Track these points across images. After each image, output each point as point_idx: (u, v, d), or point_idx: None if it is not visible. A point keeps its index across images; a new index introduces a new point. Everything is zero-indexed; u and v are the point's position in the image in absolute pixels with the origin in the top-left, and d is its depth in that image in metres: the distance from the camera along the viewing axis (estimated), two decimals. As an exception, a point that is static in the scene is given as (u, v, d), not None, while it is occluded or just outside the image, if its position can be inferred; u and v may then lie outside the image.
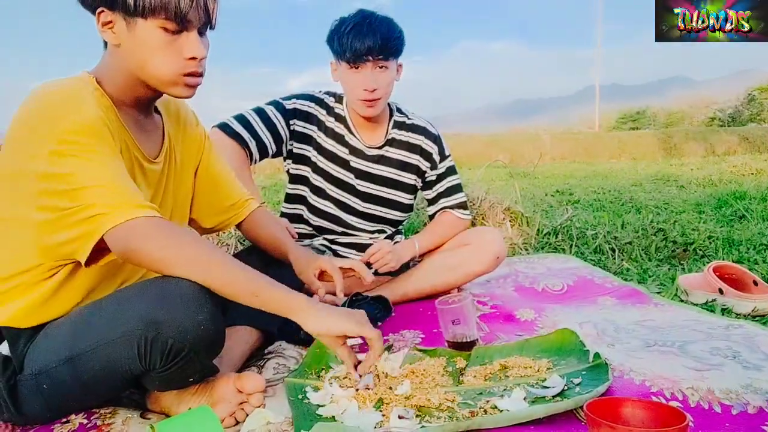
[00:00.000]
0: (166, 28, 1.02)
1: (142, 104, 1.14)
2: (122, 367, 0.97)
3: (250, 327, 1.32)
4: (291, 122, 1.79)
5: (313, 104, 1.82)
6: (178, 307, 0.94)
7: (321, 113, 1.82)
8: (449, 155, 1.95)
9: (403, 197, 1.90)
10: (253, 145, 1.72)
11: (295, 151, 1.81)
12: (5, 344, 1.10)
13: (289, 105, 1.79)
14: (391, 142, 1.86)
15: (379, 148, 1.85)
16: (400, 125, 1.88)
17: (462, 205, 1.95)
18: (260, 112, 1.77)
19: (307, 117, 1.81)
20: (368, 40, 1.62)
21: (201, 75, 1.08)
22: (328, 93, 1.87)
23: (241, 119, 1.74)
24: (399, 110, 1.91)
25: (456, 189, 1.94)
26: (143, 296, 0.96)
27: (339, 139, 1.82)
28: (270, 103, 1.80)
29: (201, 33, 1.07)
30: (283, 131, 1.77)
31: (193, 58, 1.05)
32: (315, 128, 1.81)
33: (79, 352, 0.99)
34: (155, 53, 1.03)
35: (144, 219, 0.94)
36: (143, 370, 0.98)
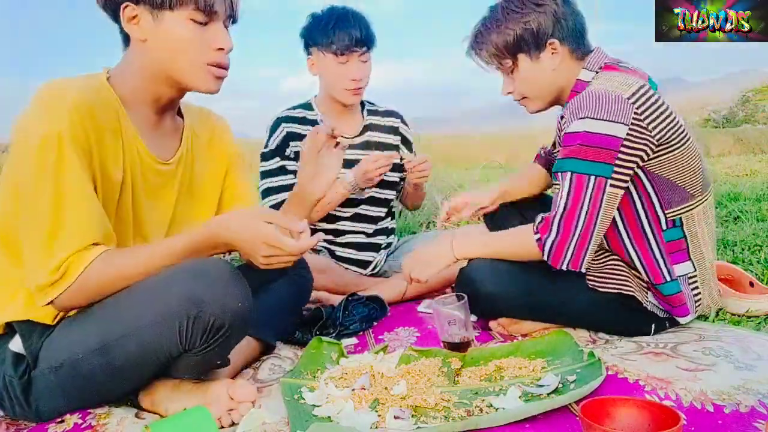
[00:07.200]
0: (195, 19, 1.05)
1: (160, 104, 1.14)
2: (160, 349, 0.98)
3: (249, 337, 1.30)
4: (287, 150, 1.84)
5: (295, 124, 1.87)
6: (217, 284, 0.96)
7: (303, 129, 1.86)
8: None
9: (392, 176, 1.94)
10: None
11: (290, 168, 1.85)
12: (16, 341, 1.08)
13: (275, 142, 1.84)
14: (370, 127, 1.95)
15: (360, 135, 1.92)
16: (374, 112, 1.99)
17: None
18: (266, 173, 1.84)
19: (297, 136, 1.84)
20: (355, 32, 1.71)
21: (226, 68, 1.11)
22: (298, 106, 1.92)
23: (273, 190, 1.82)
24: (367, 101, 2.00)
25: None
26: (180, 276, 0.97)
27: None
28: (264, 159, 1.85)
29: (225, 26, 1.11)
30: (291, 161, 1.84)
31: (221, 49, 1.08)
32: (300, 143, 1.84)
33: (112, 339, 0.99)
34: (184, 45, 1.05)
35: (71, 288, 0.97)
36: (182, 351, 0.99)
